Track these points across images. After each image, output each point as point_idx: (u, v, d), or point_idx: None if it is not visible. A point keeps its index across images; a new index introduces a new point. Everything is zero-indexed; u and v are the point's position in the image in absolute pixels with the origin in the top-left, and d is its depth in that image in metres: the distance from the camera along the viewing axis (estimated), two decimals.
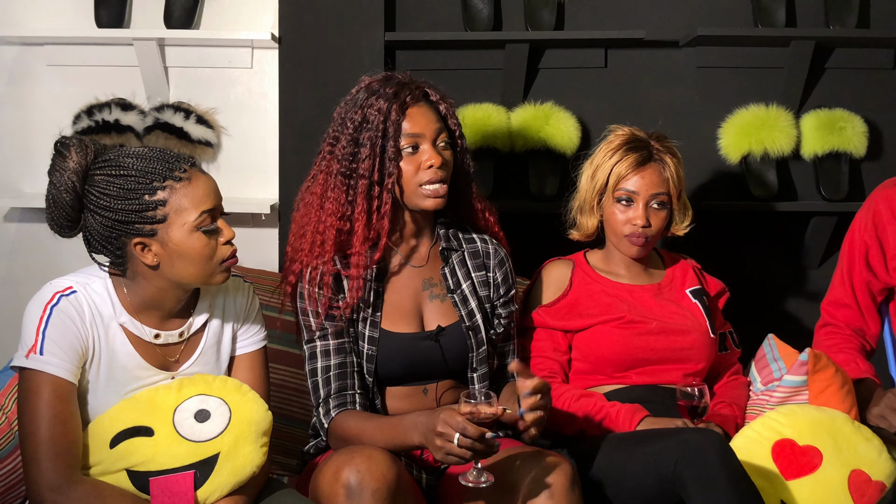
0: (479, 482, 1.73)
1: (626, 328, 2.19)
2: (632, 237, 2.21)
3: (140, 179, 1.74)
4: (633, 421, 2.07)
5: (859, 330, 2.30)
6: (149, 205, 1.74)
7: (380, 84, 2.00)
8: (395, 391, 2.02)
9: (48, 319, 1.73)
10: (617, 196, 2.22)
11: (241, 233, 1.86)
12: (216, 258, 1.79)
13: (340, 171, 1.97)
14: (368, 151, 1.95)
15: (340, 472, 1.72)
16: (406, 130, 1.96)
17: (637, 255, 2.25)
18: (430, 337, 2.02)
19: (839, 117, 2.83)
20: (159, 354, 1.85)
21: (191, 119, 2.84)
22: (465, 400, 1.71)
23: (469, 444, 1.67)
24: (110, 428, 1.76)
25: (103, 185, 1.74)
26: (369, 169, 1.95)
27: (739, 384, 2.30)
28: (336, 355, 1.98)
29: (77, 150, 1.76)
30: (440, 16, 2.90)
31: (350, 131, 1.97)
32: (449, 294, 2.06)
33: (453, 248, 2.10)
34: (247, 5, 2.89)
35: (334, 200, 1.98)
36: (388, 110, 1.95)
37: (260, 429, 1.80)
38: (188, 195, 1.76)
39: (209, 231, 1.78)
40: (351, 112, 1.98)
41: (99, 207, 1.74)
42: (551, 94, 2.88)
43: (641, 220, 2.19)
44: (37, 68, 2.89)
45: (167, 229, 1.75)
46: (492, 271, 2.11)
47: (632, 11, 2.90)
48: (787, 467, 1.95)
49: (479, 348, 2.04)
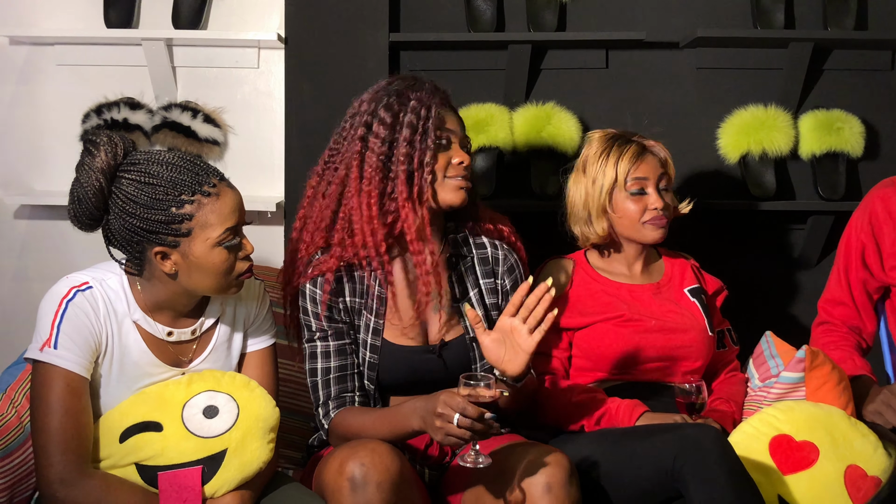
0: (477, 463, 1.73)
1: (626, 326, 2.20)
2: (654, 221, 2.22)
3: (169, 190, 1.72)
4: (633, 416, 2.08)
5: (856, 328, 2.30)
6: (175, 217, 1.72)
7: (414, 80, 2.00)
8: (398, 400, 2.00)
9: (63, 314, 1.73)
10: (630, 189, 2.23)
11: (247, 231, 1.86)
12: (234, 273, 1.79)
13: (379, 157, 1.94)
14: (408, 136, 1.93)
15: (345, 465, 1.72)
16: (445, 124, 1.97)
17: (661, 238, 2.24)
18: (432, 351, 2.01)
19: (837, 118, 2.83)
20: (171, 352, 1.86)
21: (198, 118, 2.85)
22: (465, 382, 1.71)
23: (468, 424, 1.67)
24: (120, 422, 1.78)
25: (131, 190, 1.72)
26: (408, 155, 1.93)
27: (737, 381, 2.31)
28: (337, 357, 1.98)
29: (106, 149, 1.73)
30: (444, 17, 2.90)
31: (387, 118, 1.94)
32: (455, 304, 2.05)
33: (462, 255, 2.08)
34: (253, 6, 2.90)
35: (374, 187, 1.94)
36: (430, 101, 1.95)
37: (267, 425, 1.81)
38: (215, 211, 1.74)
39: (231, 247, 1.77)
40: (387, 101, 1.96)
41: (124, 212, 1.73)
42: (553, 95, 2.89)
43: (660, 203, 2.21)
44: (47, 68, 2.91)
45: (190, 242, 1.74)
46: (500, 278, 2.10)
47: (632, 13, 2.90)
48: (785, 462, 1.95)
49: (482, 360, 2.03)
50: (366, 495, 1.70)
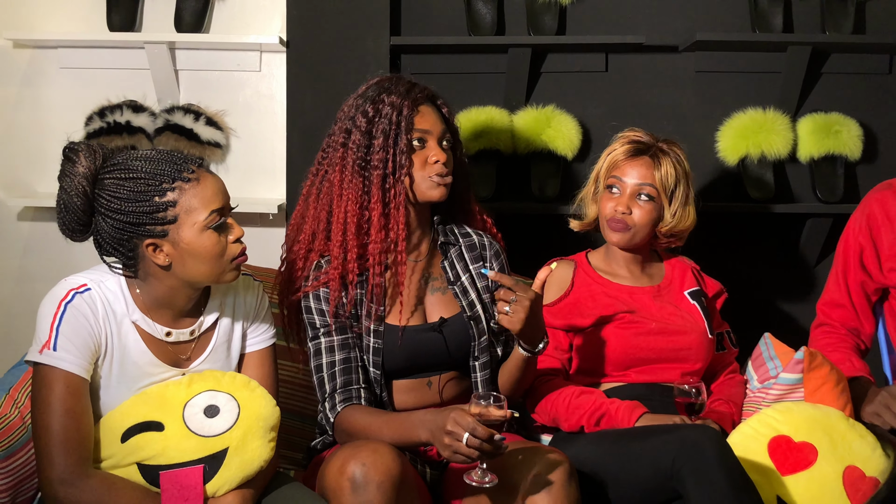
0: (483, 482, 1.74)
1: (626, 328, 2.20)
2: (611, 222, 2.23)
3: (149, 181, 1.74)
4: (632, 417, 2.08)
5: (854, 329, 2.30)
6: (159, 206, 1.74)
7: (390, 82, 2.04)
8: (401, 384, 2.04)
9: (62, 316, 1.74)
10: (607, 183, 2.25)
11: (249, 232, 1.87)
12: (226, 256, 1.80)
13: (356, 162, 2.00)
14: (381, 143, 1.98)
15: (346, 465, 1.73)
16: (416, 125, 2.00)
17: (618, 244, 2.26)
18: (433, 328, 2.04)
19: (835, 121, 2.84)
20: (171, 352, 1.86)
21: (200, 121, 2.87)
22: (476, 401, 1.72)
23: (478, 445, 1.68)
24: (121, 422, 1.78)
25: (113, 188, 1.74)
26: (383, 160, 1.98)
27: (736, 382, 2.31)
28: (340, 351, 2.00)
29: (86, 154, 1.76)
30: (444, 21, 2.92)
31: (363, 125, 2.00)
32: (449, 286, 2.09)
33: (450, 243, 2.13)
34: (255, 10, 2.91)
35: (353, 191, 2.00)
36: (401, 105, 1.99)
37: (268, 424, 1.81)
38: (197, 195, 1.76)
39: (219, 229, 1.78)
40: (363, 107, 2.01)
41: (110, 210, 1.74)
42: (553, 98, 2.90)
43: (622, 207, 2.21)
44: (50, 71, 2.92)
45: (178, 229, 1.75)
46: (488, 262, 2.14)
47: (632, 17, 2.91)
48: (783, 463, 1.96)
49: (481, 337, 2.06)
50: (366, 495, 1.71)
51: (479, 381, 2.06)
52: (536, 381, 2.18)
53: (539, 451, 1.86)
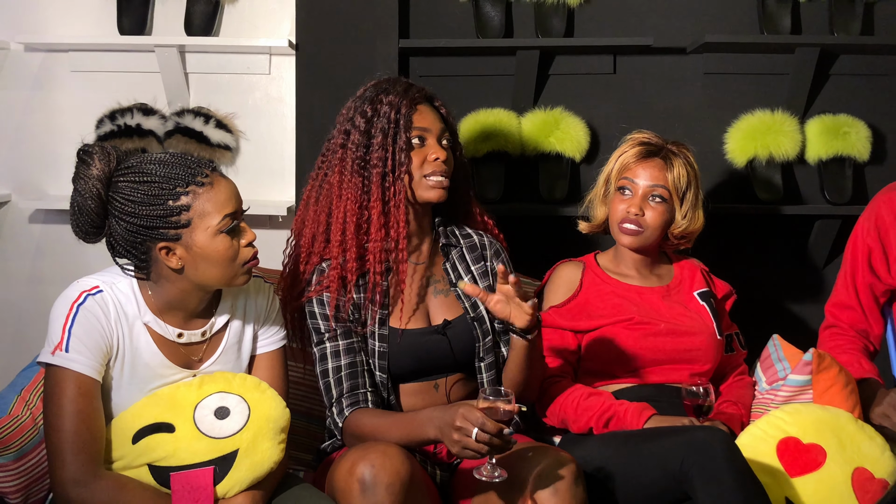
0: (493, 476, 1.74)
1: (635, 329, 2.21)
2: (623, 224, 2.24)
3: (164, 185, 1.75)
4: (641, 419, 2.08)
5: (863, 331, 2.30)
6: (173, 210, 1.75)
7: (388, 83, 2.06)
8: (408, 388, 2.04)
9: (74, 317, 1.75)
10: (619, 185, 2.26)
11: (258, 234, 1.87)
12: (238, 260, 1.80)
13: (356, 162, 2.01)
14: (381, 142, 1.99)
15: (355, 467, 1.73)
16: (415, 123, 2.01)
17: (630, 246, 2.26)
18: (437, 331, 2.04)
19: (843, 123, 2.84)
20: (182, 353, 1.87)
21: (210, 124, 2.87)
22: (484, 396, 1.72)
23: (487, 440, 1.68)
24: (133, 424, 1.79)
25: (128, 191, 1.75)
26: (382, 159, 1.99)
27: (745, 384, 2.31)
28: (346, 355, 2.00)
29: (100, 157, 1.77)
30: (453, 23, 2.92)
31: (362, 125, 2.01)
32: (452, 288, 2.09)
33: (452, 245, 2.13)
34: (265, 13, 2.92)
35: (352, 191, 2.01)
36: (399, 104, 2.00)
37: (278, 426, 1.82)
38: (211, 199, 1.77)
39: (232, 233, 1.79)
40: (362, 107, 2.03)
41: (124, 213, 1.75)
42: (561, 100, 2.90)
43: (635, 209, 2.22)
44: (61, 74, 2.93)
45: (191, 233, 1.76)
46: (489, 261, 2.14)
47: (640, 19, 2.92)
48: (792, 465, 1.96)
49: (485, 338, 2.07)
50: (375, 497, 1.72)
51: (486, 382, 2.06)
52: (545, 382, 2.19)
53: (546, 452, 1.87)
